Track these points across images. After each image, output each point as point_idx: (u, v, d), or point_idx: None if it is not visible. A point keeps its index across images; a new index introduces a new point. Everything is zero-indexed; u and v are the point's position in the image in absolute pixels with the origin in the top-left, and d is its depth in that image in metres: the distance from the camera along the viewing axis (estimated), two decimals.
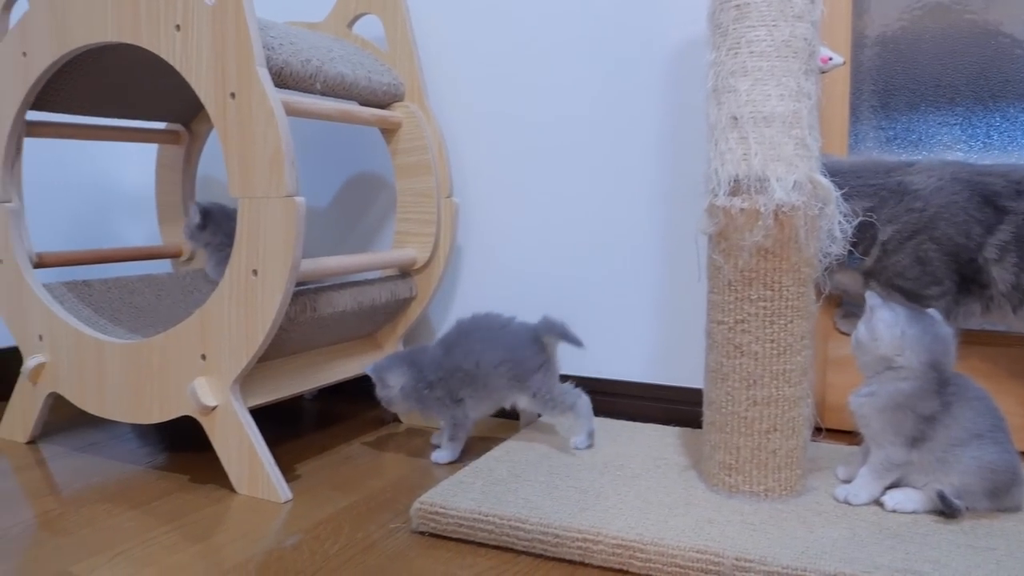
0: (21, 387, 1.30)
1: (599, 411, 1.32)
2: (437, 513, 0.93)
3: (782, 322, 0.93)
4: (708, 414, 0.99)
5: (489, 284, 1.42)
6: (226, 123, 1.03)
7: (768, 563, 0.79)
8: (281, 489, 1.05)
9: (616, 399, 1.32)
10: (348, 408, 1.50)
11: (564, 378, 1.35)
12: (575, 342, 1.15)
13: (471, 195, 1.43)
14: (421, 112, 1.33)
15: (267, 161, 1.00)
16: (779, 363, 0.93)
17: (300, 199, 1.00)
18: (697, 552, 0.82)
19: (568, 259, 1.36)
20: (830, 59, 1.01)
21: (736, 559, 0.80)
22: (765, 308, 0.93)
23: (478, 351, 1.15)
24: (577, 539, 0.86)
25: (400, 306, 1.34)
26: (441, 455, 1.18)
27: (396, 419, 1.41)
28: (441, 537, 0.94)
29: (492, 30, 1.39)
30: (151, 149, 1.79)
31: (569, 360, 1.36)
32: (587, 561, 0.86)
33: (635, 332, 1.31)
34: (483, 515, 0.91)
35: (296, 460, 1.21)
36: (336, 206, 1.58)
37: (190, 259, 1.62)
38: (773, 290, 0.92)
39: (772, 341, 0.93)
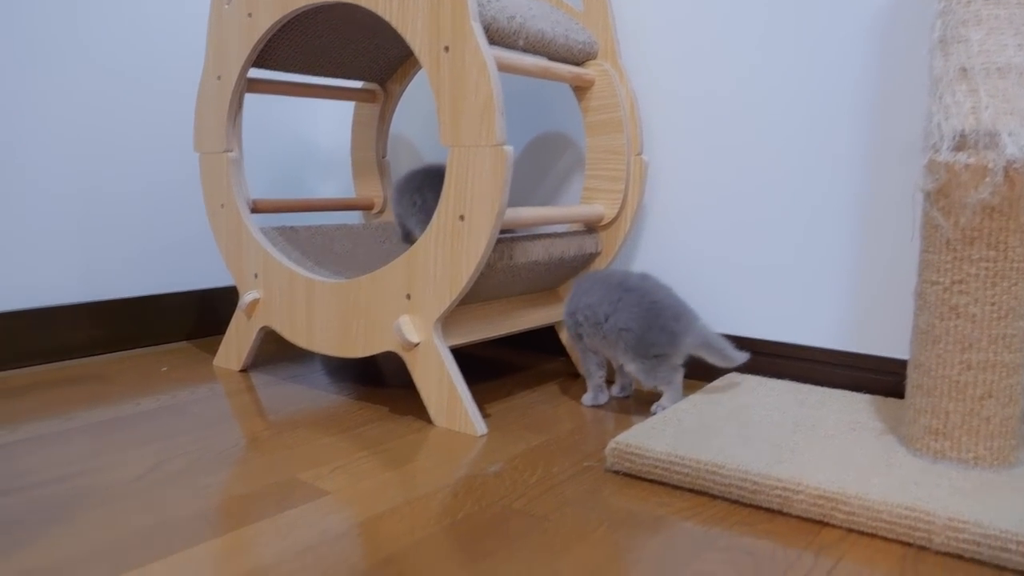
0: (236, 320, 1.42)
1: (785, 375, 1.31)
2: (632, 454, 0.96)
3: (1005, 284, 0.89)
4: (914, 377, 0.97)
5: (672, 244, 1.43)
6: (439, 76, 1.09)
7: (984, 526, 0.77)
8: (477, 423, 1.11)
9: (803, 364, 1.30)
10: (523, 359, 1.55)
11: (748, 342, 1.34)
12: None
13: (658, 154, 1.43)
14: (614, 70, 1.35)
15: (478, 111, 1.05)
16: (999, 327, 0.89)
17: (509, 148, 1.04)
18: (905, 509, 0.80)
19: (756, 221, 1.34)
20: None
21: (949, 519, 0.78)
22: (987, 269, 0.89)
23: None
24: (777, 487, 0.86)
25: (585, 261, 1.37)
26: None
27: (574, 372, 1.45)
28: (633, 477, 0.97)
29: None
30: (342, 109, 1.90)
31: (755, 324, 1.35)
32: (786, 510, 0.87)
33: (825, 298, 1.29)
34: (679, 458, 0.93)
35: (484, 402, 1.27)
36: (522, 162, 1.63)
37: (380, 212, 1.72)
38: (997, 250, 0.88)
39: (993, 303, 0.89)
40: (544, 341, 1.59)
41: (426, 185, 1.49)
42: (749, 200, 1.35)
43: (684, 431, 1.02)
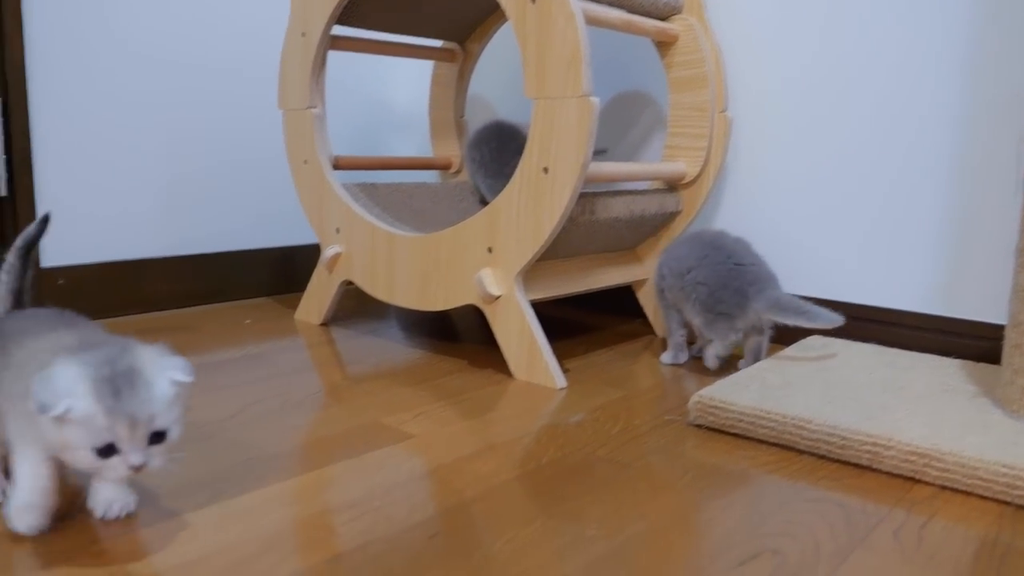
0: (318, 275, 1.45)
1: (871, 339, 1.28)
2: (716, 407, 0.95)
3: None
4: (1013, 336, 0.93)
5: (755, 203, 1.40)
6: (525, 27, 1.08)
7: None
8: (557, 376, 1.11)
9: (890, 328, 1.26)
10: (599, 320, 1.55)
11: (835, 304, 1.31)
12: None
13: (742, 111, 1.40)
14: (699, 25, 1.32)
15: (565, 62, 1.04)
16: None
17: (595, 99, 1.03)
18: (1004, 467, 0.78)
19: (842, 180, 1.30)
20: None
21: None
22: None
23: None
24: (866, 443, 0.85)
25: (666, 220, 1.35)
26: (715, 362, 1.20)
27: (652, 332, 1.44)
28: (716, 431, 0.96)
29: None
30: (421, 68, 1.91)
31: (840, 286, 1.32)
32: (875, 466, 0.85)
33: (913, 259, 1.25)
34: (765, 412, 0.91)
35: (562, 358, 1.27)
36: (602, 121, 1.61)
37: (457, 171, 1.73)
38: None
39: None
40: (621, 302, 1.58)
41: (484, 140, 1.49)
42: (835, 158, 1.31)
43: (768, 387, 1.00)
